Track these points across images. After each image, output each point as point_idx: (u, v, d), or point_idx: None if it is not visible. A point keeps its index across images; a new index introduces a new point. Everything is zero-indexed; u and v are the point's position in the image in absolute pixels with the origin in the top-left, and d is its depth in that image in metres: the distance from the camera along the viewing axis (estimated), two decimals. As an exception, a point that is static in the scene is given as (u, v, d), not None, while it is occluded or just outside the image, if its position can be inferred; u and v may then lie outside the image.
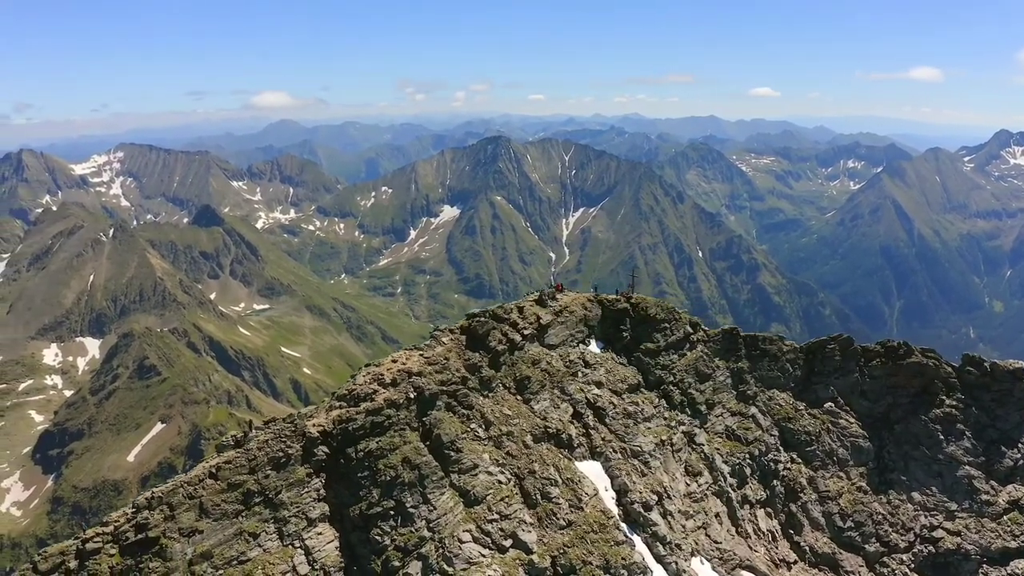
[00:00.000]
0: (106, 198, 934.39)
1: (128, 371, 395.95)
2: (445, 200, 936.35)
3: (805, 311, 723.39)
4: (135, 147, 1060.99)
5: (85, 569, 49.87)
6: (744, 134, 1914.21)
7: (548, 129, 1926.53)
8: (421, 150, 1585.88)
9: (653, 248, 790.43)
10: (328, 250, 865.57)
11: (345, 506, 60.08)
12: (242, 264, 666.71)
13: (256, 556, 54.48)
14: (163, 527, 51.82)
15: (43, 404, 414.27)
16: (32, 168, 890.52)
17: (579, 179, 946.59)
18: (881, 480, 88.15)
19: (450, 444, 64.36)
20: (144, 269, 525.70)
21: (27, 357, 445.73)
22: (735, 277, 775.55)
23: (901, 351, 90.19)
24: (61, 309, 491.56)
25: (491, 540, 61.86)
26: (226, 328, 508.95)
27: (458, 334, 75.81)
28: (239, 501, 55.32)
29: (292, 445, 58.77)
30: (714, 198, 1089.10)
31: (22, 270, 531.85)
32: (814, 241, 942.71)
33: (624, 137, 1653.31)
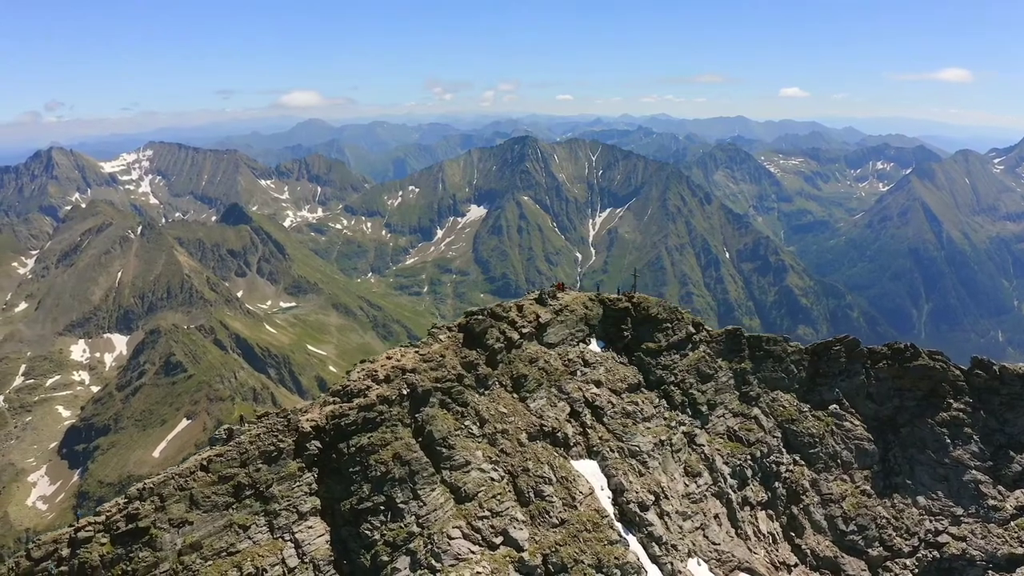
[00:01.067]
0: (135, 196, 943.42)
1: (154, 367, 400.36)
2: (472, 199, 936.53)
3: (832, 313, 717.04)
4: (164, 145, 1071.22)
5: (76, 557, 50.72)
6: (772, 135, 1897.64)
7: (575, 129, 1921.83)
8: (449, 150, 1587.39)
9: (680, 249, 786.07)
10: (355, 249, 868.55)
11: (337, 501, 60.60)
12: (269, 262, 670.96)
13: (246, 548, 55.16)
14: (153, 518, 52.49)
15: (70, 399, 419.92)
16: (62, 166, 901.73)
17: (606, 179, 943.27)
18: (886, 484, 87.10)
19: (442, 441, 64.76)
20: (172, 266, 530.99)
21: (55, 353, 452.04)
22: (762, 279, 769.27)
23: (908, 353, 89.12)
24: (89, 306, 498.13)
25: (481, 537, 62.08)
26: (252, 326, 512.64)
27: (456, 332, 76.15)
28: (230, 494, 55.97)
29: (284, 439, 59.35)
30: (742, 199, 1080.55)
31: (51, 267, 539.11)
32: (842, 243, 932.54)
33: (652, 137, 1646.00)
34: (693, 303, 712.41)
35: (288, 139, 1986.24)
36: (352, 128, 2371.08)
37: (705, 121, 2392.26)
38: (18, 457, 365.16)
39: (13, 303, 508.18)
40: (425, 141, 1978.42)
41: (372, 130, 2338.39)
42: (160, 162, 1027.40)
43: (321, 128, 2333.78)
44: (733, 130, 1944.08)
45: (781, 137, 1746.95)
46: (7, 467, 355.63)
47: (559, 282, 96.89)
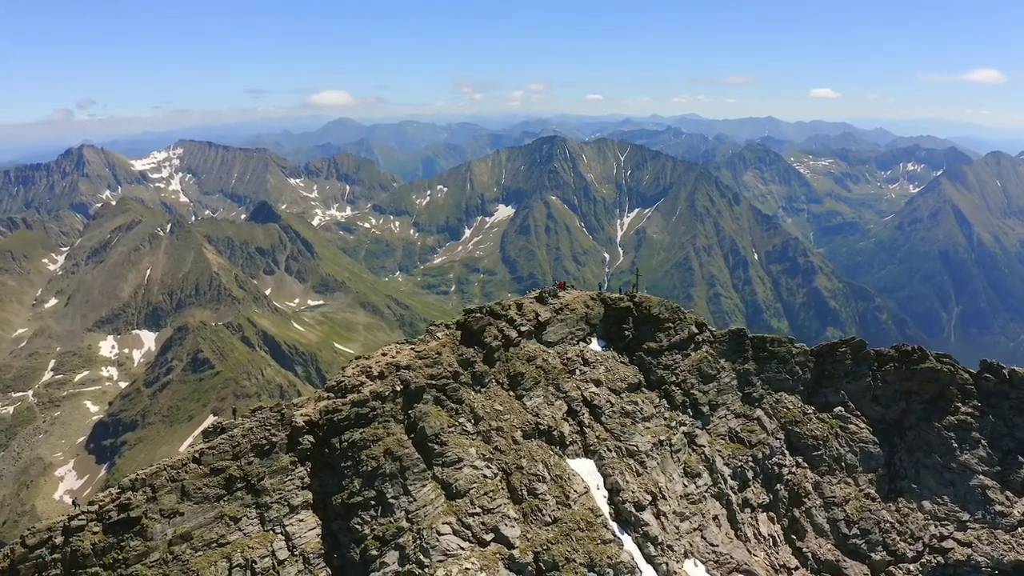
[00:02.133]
0: (165, 194, 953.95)
1: (182, 364, 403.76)
2: (500, 199, 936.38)
3: (861, 316, 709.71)
4: (194, 144, 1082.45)
5: (69, 545, 52.00)
6: (802, 135, 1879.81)
7: (605, 129, 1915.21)
8: (478, 149, 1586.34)
9: (708, 250, 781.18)
10: (383, 248, 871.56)
11: (329, 495, 61.35)
12: (297, 260, 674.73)
13: (236, 539, 56.05)
14: (145, 508, 53.58)
15: (98, 395, 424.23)
16: (93, 164, 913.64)
17: (634, 179, 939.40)
18: (891, 487, 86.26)
19: (434, 437, 65.22)
20: (200, 264, 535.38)
21: (84, 348, 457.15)
22: (791, 280, 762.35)
23: (915, 356, 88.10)
24: (118, 302, 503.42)
25: (471, 533, 62.49)
26: (280, 323, 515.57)
27: (454, 329, 76.50)
28: (221, 486, 56.91)
29: (277, 433, 60.25)
30: (771, 200, 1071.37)
31: (81, 263, 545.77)
32: (872, 245, 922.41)
33: (681, 138, 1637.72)
34: (721, 304, 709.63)
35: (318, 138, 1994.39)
36: (382, 127, 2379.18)
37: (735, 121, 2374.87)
38: (46, 451, 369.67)
39: (43, 299, 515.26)
40: (454, 141, 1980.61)
41: (401, 129, 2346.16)
42: (190, 160, 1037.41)
43: (351, 127, 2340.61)
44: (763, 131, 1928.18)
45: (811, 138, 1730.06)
46: (35, 461, 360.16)
47: (560, 281, 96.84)
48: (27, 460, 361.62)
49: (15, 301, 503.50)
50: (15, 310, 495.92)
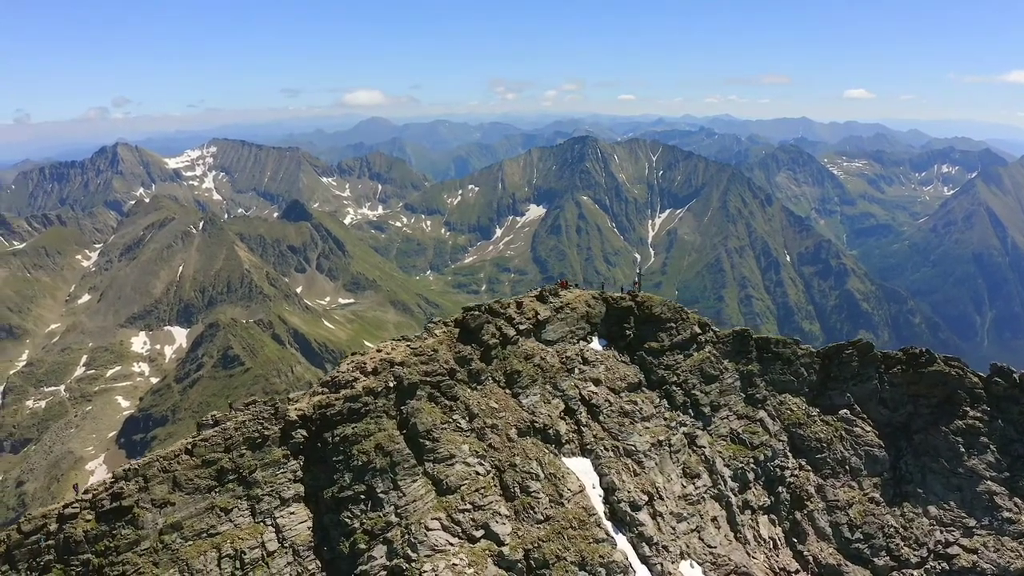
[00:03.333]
0: (199, 192, 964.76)
1: (212, 360, 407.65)
2: (531, 199, 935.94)
3: (894, 319, 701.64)
4: (228, 142, 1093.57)
5: (63, 532, 53.23)
6: (836, 136, 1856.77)
7: (637, 129, 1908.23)
8: (510, 149, 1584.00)
9: (740, 251, 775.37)
10: (414, 247, 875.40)
11: (321, 488, 62.19)
12: (328, 259, 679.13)
13: (226, 530, 57.07)
14: (136, 497, 54.71)
15: (130, 390, 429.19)
16: (127, 161, 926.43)
17: (666, 180, 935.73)
18: (896, 492, 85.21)
19: (426, 433, 65.60)
20: (232, 261, 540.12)
21: (116, 344, 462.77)
22: (823, 282, 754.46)
23: (923, 359, 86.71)
24: (150, 298, 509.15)
25: (461, 529, 62.82)
26: (310, 321, 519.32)
27: (452, 327, 77.00)
28: (212, 477, 57.94)
29: (270, 427, 61.18)
30: (804, 201, 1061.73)
31: (114, 260, 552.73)
32: (905, 247, 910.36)
33: (714, 138, 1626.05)
34: (752, 306, 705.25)
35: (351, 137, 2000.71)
36: (414, 127, 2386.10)
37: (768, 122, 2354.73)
38: (77, 446, 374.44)
39: (76, 295, 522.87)
40: (486, 140, 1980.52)
41: (434, 129, 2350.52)
42: (224, 159, 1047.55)
43: (383, 126, 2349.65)
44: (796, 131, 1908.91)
45: (845, 139, 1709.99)
46: (66, 455, 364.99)
47: (563, 279, 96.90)
48: (58, 454, 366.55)
49: (49, 297, 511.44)
50: (49, 306, 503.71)
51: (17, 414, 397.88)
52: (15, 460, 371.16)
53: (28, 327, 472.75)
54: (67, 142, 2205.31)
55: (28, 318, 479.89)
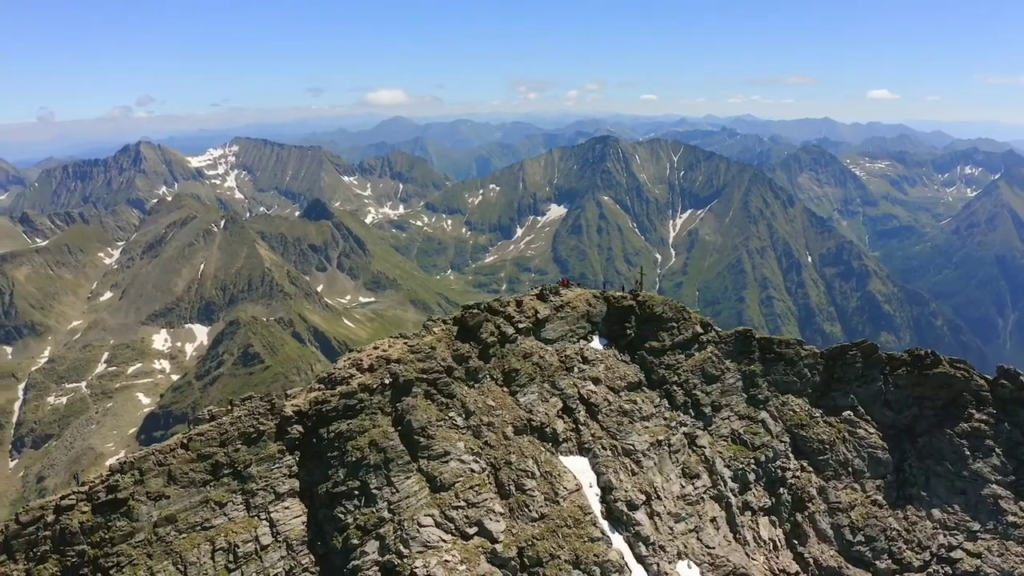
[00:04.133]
0: (221, 190, 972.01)
1: (233, 358, 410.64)
2: (552, 199, 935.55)
3: (916, 321, 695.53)
4: (250, 141, 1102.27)
5: (59, 523, 54.06)
6: (859, 137, 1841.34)
7: (659, 129, 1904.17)
8: (531, 149, 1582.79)
9: (761, 252, 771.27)
10: (435, 246, 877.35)
11: (316, 484, 62.72)
12: (349, 257, 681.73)
13: (220, 524, 57.80)
14: (132, 490, 55.56)
15: (150, 387, 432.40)
16: (149, 160, 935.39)
17: (687, 180, 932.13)
18: (899, 495, 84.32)
19: (420, 430, 65.97)
20: (253, 260, 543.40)
21: (137, 341, 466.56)
22: (845, 284, 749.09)
23: (928, 360, 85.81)
24: (172, 296, 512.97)
25: (454, 526, 63.08)
26: (331, 319, 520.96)
27: (450, 325, 77.29)
28: (207, 471, 58.68)
29: (265, 422, 61.85)
30: (826, 202, 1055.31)
31: (136, 258, 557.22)
32: (928, 249, 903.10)
33: (736, 139, 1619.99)
34: (773, 307, 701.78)
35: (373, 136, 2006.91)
36: (436, 126, 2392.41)
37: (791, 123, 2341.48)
38: (98, 442, 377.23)
39: (99, 292, 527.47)
40: (508, 140, 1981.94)
41: (455, 128, 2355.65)
42: (246, 157, 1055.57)
43: (405, 126, 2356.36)
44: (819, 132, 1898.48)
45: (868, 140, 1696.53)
46: (87, 451, 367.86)
47: (565, 278, 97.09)
48: (79, 450, 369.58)
49: (71, 294, 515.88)
50: (71, 303, 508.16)
51: (39, 410, 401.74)
52: (36, 456, 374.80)
53: (50, 324, 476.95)
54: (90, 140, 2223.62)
55: (50, 315, 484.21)
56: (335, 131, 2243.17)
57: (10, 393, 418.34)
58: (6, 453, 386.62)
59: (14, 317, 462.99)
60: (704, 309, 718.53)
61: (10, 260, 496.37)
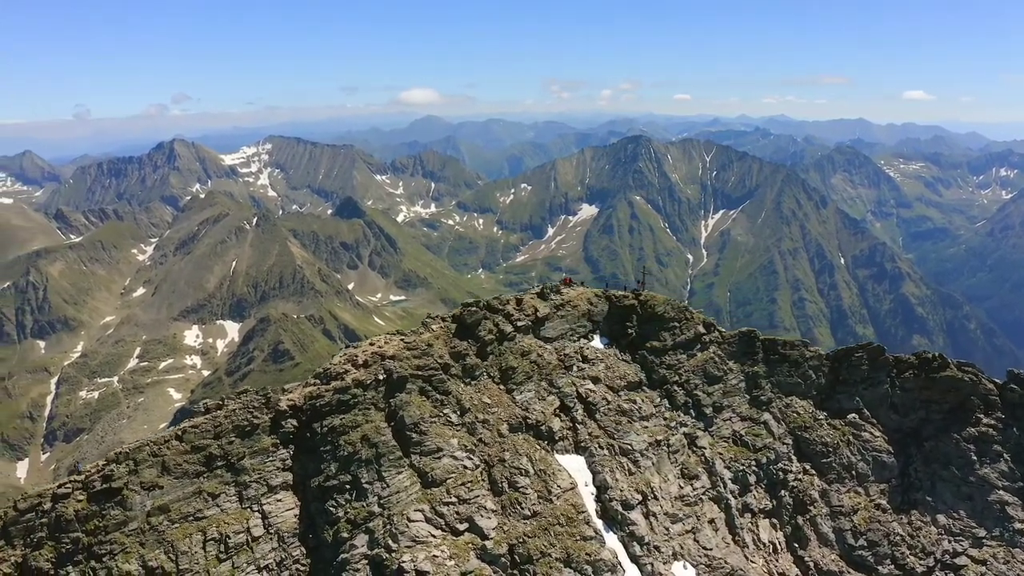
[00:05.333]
0: (254, 188, 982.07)
1: (263, 354, 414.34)
2: (584, 198, 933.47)
3: (949, 324, 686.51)
4: (283, 140, 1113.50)
5: (55, 511, 55.44)
6: (894, 138, 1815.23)
7: (692, 129, 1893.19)
8: (563, 148, 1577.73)
9: (793, 253, 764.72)
10: (466, 245, 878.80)
11: (309, 477, 63.69)
12: (380, 256, 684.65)
13: (213, 515, 58.94)
14: (126, 480, 56.83)
15: (181, 382, 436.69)
16: (183, 157, 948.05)
17: (720, 180, 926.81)
18: (904, 499, 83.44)
19: (413, 426, 66.52)
20: (284, 257, 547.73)
21: (169, 337, 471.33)
22: (877, 286, 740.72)
23: (936, 363, 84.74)
24: (204, 293, 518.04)
25: (444, 522, 63.66)
26: (361, 317, 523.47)
27: (449, 322, 77.87)
28: (201, 463, 59.83)
29: (260, 416, 62.94)
30: (859, 204, 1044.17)
31: (169, 254, 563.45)
32: (962, 251, 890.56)
33: (769, 139, 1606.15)
34: (805, 309, 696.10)
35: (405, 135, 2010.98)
36: (468, 125, 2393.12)
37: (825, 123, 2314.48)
38: (128, 436, 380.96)
39: (132, 288, 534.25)
40: (540, 139, 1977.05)
41: (488, 127, 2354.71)
42: (279, 156, 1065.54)
43: (438, 125, 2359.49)
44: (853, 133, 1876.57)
45: (902, 141, 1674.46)
46: (117, 445, 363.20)
47: (567, 277, 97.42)
48: (110, 444, 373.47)
49: (104, 290, 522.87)
50: (104, 298, 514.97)
51: (71, 404, 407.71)
52: (68, 449, 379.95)
53: (83, 319, 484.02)
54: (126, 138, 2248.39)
55: (84, 310, 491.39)
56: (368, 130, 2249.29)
57: (43, 387, 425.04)
58: (38, 446, 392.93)
59: (48, 312, 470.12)
60: (735, 310, 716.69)
61: (44, 256, 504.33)
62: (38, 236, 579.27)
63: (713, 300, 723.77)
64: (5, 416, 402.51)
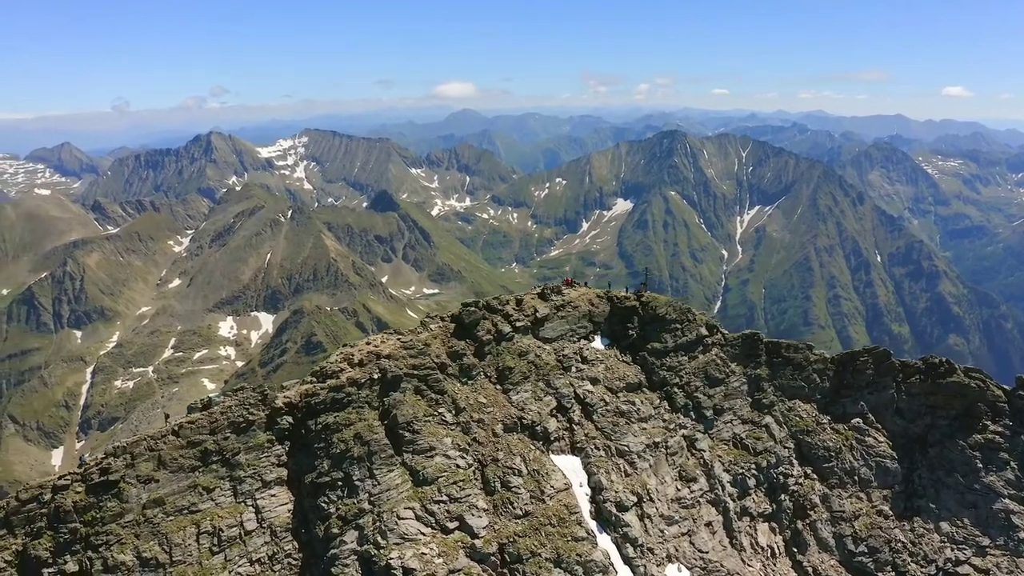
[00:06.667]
0: (290, 181, 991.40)
1: (296, 346, 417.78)
2: (618, 193, 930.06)
3: (986, 324, 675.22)
4: (319, 133, 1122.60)
5: (55, 502, 57.31)
6: (932, 135, 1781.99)
7: (729, 124, 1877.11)
8: (599, 142, 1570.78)
9: (829, 250, 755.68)
10: (500, 239, 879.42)
11: (304, 474, 64.87)
12: (415, 249, 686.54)
13: (207, 508, 60.51)
14: (123, 473, 58.58)
15: (215, 373, 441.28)
16: (220, 150, 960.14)
17: (756, 176, 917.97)
18: (907, 506, 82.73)
19: (406, 425, 67.47)
20: (319, 250, 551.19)
21: (204, 328, 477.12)
22: (914, 284, 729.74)
23: (942, 368, 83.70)
24: (238, 284, 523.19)
25: (435, 520, 64.49)
26: (394, 310, 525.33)
27: (447, 322, 78.89)
28: (196, 458, 61.38)
29: (256, 413, 64.36)
30: (896, 201, 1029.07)
31: (204, 246, 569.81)
32: (1000, 250, 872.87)
33: (806, 135, 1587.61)
34: (840, 307, 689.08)
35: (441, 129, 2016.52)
36: (504, 119, 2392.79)
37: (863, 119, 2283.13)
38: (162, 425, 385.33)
39: (167, 279, 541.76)
40: (576, 133, 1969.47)
41: (524, 121, 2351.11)
42: (315, 149, 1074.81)
43: (474, 118, 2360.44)
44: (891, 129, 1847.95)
45: (941, 138, 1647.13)
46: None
47: (568, 278, 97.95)
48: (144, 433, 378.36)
49: (140, 281, 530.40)
50: (140, 289, 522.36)
51: (106, 393, 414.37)
52: (103, 438, 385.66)
53: (119, 309, 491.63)
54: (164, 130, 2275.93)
55: (120, 301, 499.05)
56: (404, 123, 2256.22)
57: (79, 376, 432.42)
58: (73, 435, 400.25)
59: (84, 302, 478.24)
60: (770, 307, 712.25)
61: (82, 247, 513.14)
62: (75, 227, 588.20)
63: (748, 297, 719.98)
64: (41, 405, 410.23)
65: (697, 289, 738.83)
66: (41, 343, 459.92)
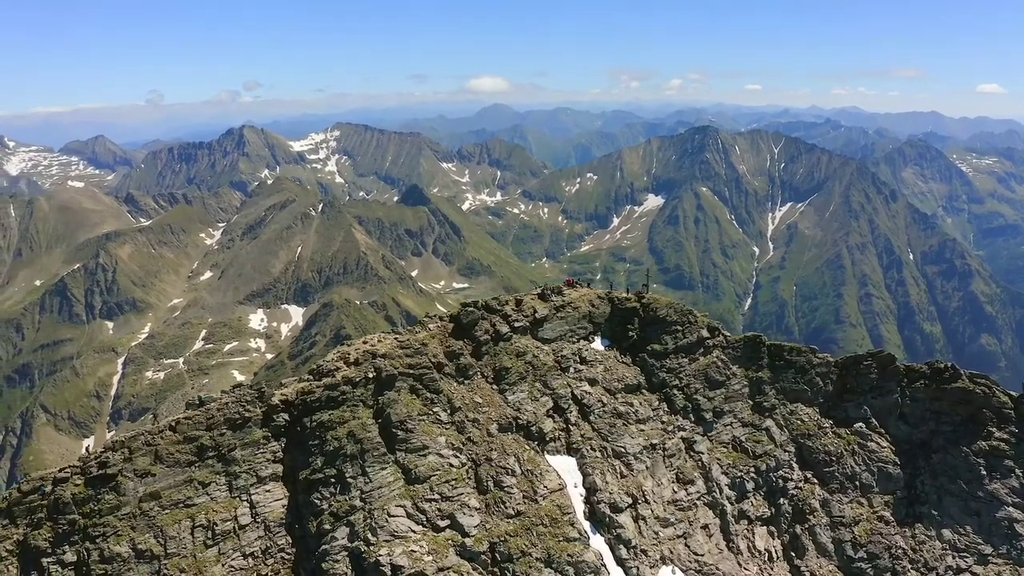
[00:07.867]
0: (321, 174, 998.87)
1: (325, 339, 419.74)
2: (649, 189, 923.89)
3: (1019, 324, 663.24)
4: (351, 127, 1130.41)
5: (55, 493, 59.25)
6: (967, 132, 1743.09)
7: (762, 120, 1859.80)
8: (631, 138, 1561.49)
9: (861, 248, 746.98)
10: (531, 233, 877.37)
11: (299, 470, 66.19)
12: (445, 243, 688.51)
13: (202, 503, 62.04)
14: (121, 467, 60.32)
15: (245, 365, 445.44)
16: (252, 143, 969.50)
17: (788, 173, 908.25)
18: (908, 512, 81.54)
19: (399, 424, 68.32)
20: (349, 243, 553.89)
21: (234, 320, 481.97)
22: (946, 283, 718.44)
23: (947, 374, 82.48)
24: (269, 277, 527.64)
25: (425, 518, 65.36)
26: (423, 304, 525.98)
27: (446, 322, 79.76)
28: (193, 453, 62.95)
29: (252, 410, 65.87)
30: (930, 199, 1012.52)
31: (236, 239, 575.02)
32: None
33: (840, 131, 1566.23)
34: (872, 305, 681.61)
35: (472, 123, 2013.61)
36: (536, 114, 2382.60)
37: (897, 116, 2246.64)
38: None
39: (199, 272, 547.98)
40: (607, 128, 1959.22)
41: (555, 116, 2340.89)
42: (346, 142, 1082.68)
43: (505, 113, 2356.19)
44: (925, 126, 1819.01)
45: (975, 135, 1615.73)
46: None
47: (569, 278, 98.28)
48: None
49: (172, 273, 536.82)
50: (172, 281, 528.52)
51: (137, 384, 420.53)
52: (133, 428, 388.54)
53: (151, 301, 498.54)
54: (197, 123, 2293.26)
55: (151, 292, 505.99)
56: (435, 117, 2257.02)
57: (110, 367, 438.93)
58: (104, 425, 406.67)
59: (116, 294, 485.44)
60: (800, 304, 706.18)
61: (114, 239, 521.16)
62: (108, 219, 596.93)
63: (778, 294, 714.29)
64: (73, 395, 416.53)
65: (728, 286, 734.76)
66: (73, 334, 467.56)
